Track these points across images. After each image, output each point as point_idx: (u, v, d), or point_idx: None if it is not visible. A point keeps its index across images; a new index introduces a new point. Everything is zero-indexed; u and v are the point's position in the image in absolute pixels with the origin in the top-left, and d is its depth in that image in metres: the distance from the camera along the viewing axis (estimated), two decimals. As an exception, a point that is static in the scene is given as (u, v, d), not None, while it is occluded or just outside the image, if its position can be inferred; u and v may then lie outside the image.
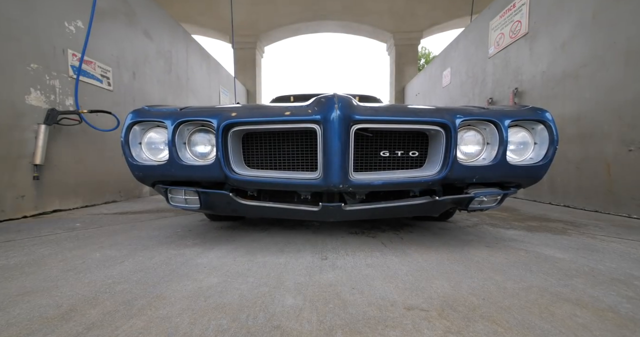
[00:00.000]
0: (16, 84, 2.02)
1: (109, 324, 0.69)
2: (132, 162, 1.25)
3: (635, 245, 1.39)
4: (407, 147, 1.23)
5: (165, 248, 1.31)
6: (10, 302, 0.79)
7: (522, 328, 0.67)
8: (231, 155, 1.17)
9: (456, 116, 1.16)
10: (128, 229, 1.70)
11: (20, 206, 2.05)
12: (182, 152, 1.22)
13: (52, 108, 2.24)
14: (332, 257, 1.20)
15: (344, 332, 0.66)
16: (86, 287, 0.89)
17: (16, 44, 2.01)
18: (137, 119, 1.24)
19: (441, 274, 1.01)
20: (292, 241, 1.45)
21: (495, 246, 1.35)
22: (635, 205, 2.11)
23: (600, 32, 2.42)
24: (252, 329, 0.67)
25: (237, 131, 1.17)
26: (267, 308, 0.77)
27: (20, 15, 2.04)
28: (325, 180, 1.08)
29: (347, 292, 0.87)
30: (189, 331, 0.66)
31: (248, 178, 1.17)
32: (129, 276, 0.99)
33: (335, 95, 1.08)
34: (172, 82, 4.07)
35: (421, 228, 1.75)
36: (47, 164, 2.23)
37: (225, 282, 0.94)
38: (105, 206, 2.71)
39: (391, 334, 0.66)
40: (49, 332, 0.66)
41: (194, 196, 1.27)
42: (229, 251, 1.27)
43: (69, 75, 2.42)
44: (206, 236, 1.55)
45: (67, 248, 1.31)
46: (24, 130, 2.07)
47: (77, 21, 2.49)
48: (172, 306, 0.78)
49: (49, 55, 2.25)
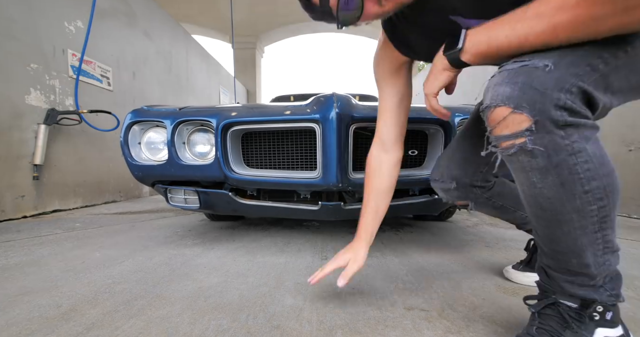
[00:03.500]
0: (16, 84, 2.02)
1: (109, 324, 0.69)
2: (131, 162, 1.25)
3: (635, 245, 1.39)
4: (406, 145, 1.23)
5: (165, 248, 1.31)
6: (10, 302, 0.79)
7: (523, 328, 0.67)
8: (230, 154, 1.17)
9: (455, 115, 1.16)
10: (128, 229, 1.70)
11: (20, 206, 2.05)
12: (182, 151, 1.22)
13: (52, 108, 2.24)
14: (332, 257, 1.20)
15: (344, 332, 0.66)
16: (86, 287, 0.89)
17: (16, 44, 2.01)
18: (136, 118, 1.24)
19: (441, 274, 1.01)
20: (292, 240, 1.45)
21: (495, 246, 1.35)
22: (636, 205, 2.11)
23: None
24: (252, 329, 0.67)
25: (236, 131, 1.17)
26: (267, 308, 0.77)
27: (20, 15, 2.04)
28: (325, 179, 1.08)
29: (347, 292, 0.87)
30: (189, 331, 0.66)
31: (247, 177, 1.17)
32: (129, 276, 0.99)
33: (334, 95, 1.08)
34: (172, 82, 4.07)
35: (421, 228, 1.75)
36: (47, 164, 2.23)
37: (225, 282, 0.93)
38: (105, 205, 2.71)
39: (391, 334, 0.66)
40: (49, 332, 0.66)
41: (194, 196, 1.27)
42: (229, 251, 1.27)
43: (69, 75, 2.42)
44: (206, 236, 1.55)
45: (67, 248, 1.31)
46: (24, 130, 2.07)
47: (77, 21, 2.49)
48: (172, 306, 0.78)
49: (48, 55, 2.25)
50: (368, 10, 0.55)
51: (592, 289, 0.52)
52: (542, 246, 0.55)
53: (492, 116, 0.48)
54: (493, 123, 0.49)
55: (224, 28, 7.49)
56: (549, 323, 0.55)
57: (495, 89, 0.48)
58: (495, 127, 0.49)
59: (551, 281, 0.55)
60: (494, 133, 0.50)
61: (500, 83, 0.47)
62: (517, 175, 0.51)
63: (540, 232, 0.53)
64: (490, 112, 0.49)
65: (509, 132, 0.47)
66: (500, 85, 0.47)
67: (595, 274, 0.51)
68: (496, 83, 0.48)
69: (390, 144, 0.82)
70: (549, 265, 0.55)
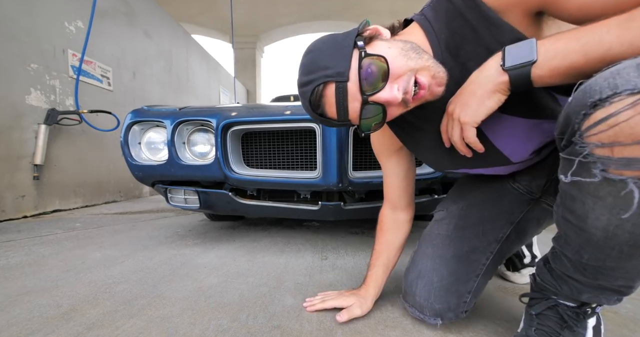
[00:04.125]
0: (16, 84, 2.02)
1: (109, 324, 0.69)
2: (131, 162, 1.25)
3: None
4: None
5: (166, 248, 1.31)
6: (11, 302, 0.80)
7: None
8: (230, 154, 1.17)
9: None
10: (128, 229, 1.70)
11: (20, 205, 2.05)
12: (182, 151, 1.22)
13: (52, 108, 2.24)
14: (332, 257, 1.20)
15: (343, 332, 0.66)
16: (86, 287, 0.89)
17: (16, 44, 2.01)
18: (136, 118, 1.24)
19: (441, 274, 1.01)
20: (292, 240, 1.45)
21: (495, 246, 1.35)
22: None
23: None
24: (252, 329, 0.67)
25: (236, 131, 1.17)
26: (267, 308, 0.77)
27: (20, 15, 2.04)
28: (325, 179, 1.08)
29: (347, 292, 0.87)
30: (189, 331, 0.66)
31: (247, 177, 1.17)
32: (129, 275, 0.99)
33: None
34: (172, 82, 4.07)
35: (420, 228, 1.74)
36: (47, 164, 2.23)
37: (225, 282, 0.94)
38: (106, 205, 2.71)
39: (391, 334, 0.66)
40: (49, 332, 0.66)
41: (194, 196, 1.27)
42: (229, 251, 1.27)
43: (69, 75, 2.42)
44: (206, 236, 1.55)
45: (67, 248, 1.31)
46: (24, 130, 2.07)
47: (77, 21, 2.49)
48: (172, 305, 0.78)
49: (49, 55, 2.25)
50: (392, 112, 0.52)
51: (605, 296, 0.49)
52: (579, 266, 0.47)
53: (604, 114, 0.33)
54: (604, 128, 0.34)
55: (224, 28, 7.49)
56: (547, 324, 0.55)
57: (625, 73, 0.33)
58: (606, 134, 0.33)
59: (559, 283, 0.52)
60: (602, 146, 0.34)
61: (631, 66, 0.33)
62: (586, 202, 0.39)
63: (587, 256, 0.44)
64: (604, 109, 0.33)
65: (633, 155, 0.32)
66: (631, 68, 0.33)
67: (631, 292, 0.47)
68: (621, 68, 0.34)
69: (402, 207, 0.81)
70: (577, 279, 0.49)
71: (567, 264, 0.49)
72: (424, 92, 0.49)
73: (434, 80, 0.50)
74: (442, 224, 0.73)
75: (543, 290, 0.56)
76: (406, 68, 0.48)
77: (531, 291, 0.59)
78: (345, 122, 0.53)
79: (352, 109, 0.50)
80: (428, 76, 0.49)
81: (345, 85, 0.48)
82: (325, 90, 0.49)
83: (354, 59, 0.48)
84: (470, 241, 0.68)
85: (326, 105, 0.51)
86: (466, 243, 0.67)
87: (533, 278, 0.59)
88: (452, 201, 0.76)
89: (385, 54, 0.47)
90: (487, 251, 0.67)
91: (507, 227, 0.68)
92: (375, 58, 0.47)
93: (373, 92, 0.48)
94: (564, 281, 0.52)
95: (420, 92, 0.49)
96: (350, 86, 0.48)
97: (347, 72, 0.47)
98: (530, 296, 0.59)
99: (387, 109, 0.50)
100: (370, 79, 0.47)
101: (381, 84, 0.48)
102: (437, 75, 0.50)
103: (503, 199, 0.68)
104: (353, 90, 0.48)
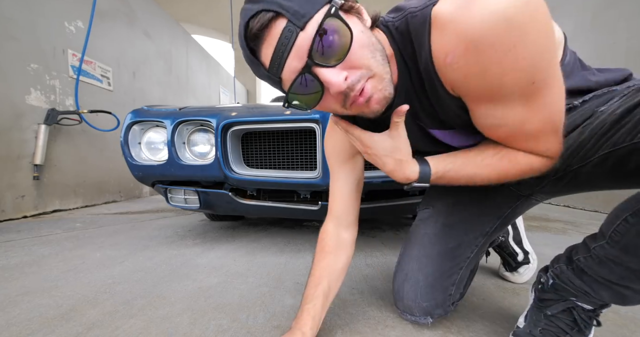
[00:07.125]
0: (16, 84, 2.02)
1: (109, 324, 0.69)
2: (131, 162, 1.25)
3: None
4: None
5: (166, 248, 1.31)
6: (10, 302, 0.79)
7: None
8: (230, 154, 1.17)
9: None
10: (128, 229, 1.70)
11: (20, 205, 2.05)
12: (182, 151, 1.22)
13: (52, 108, 2.24)
14: (332, 257, 1.20)
15: (343, 332, 0.66)
16: (86, 287, 0.89)
17: (16, 44, 2.01)
18: (136, 118, 1.24)
19: (441, 274, 1.01)
20: (292, 240, 1.45)
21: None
22: None
23: (599, 32, 2.42)
24: (252, 329, 0.67)
25: (236, 131, 1.17)
26: (267, 308, 0.77)
27: (20, 15, 2.04)
28: (325, 179, 1.08)
29: (347, 292, 0.87)
30: (189, 331, 0.66)
31: (247, 177, 1.17)
32: (129, 275, 0.99)
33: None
34: (172, 82, 4.07)
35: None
36: (47, 164, 2.23)
37: (225, 282, 0.94)
38: (106, 206, 2.71)
39: (391, 334, 0.66)
40: (49, 332, 0.66)
41: (194, 196, 1.27)
42: (229, 251, 1.27)
43: (69, 75, 2.42)
44: (206, 236, 1.55)
45: (67, 248, 1.31)
46: (24, 131, 2.07)
47: (77, 21, 2.49)
48: (172, 306, 0.78)
49: (49, 55, 2.25)
50: (327, 103, 0.45)
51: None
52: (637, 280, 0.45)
53: None
54: None
55: (224, 28, 7.49)
56: (557, 324, 0.54)
57: None
58: None
59: (595, 288, 0.50)
60: None
61: None
62: None
63: None
64: None
65: None
66: None
67: None
68: None
69: (347, 224, 0.72)
70: (625, 285, 0.46)
71: (618, 271, 0.46)
72: (362, 100, 0.43)
73: (379, 93, 0.44)
74: (429, 222, 0.70)
75: (559, 291, 0.55)
76: (366, 64, 0.42)
77: (542, 292, 0.58)
78: (273, 78, 0.44)
79: (289, 67, 0.41)
80: (376, 87, 0.44)
81: (297, 32, 0.39)
82: (272, 22, 0.39)
83: (322, 11, 0.39)
84: (457, 237, 0.67)
85: (264, 42, 0.41)
86: (452, 240, 0.67)
87: (547, 278, 0.57)
88: (437, 197, 0.73)
89: (355, 34, 0.40)
90: (472, 245, 0.67)
91: (494, 221, 0.67)
92: (344, 28, 0.39)
93: (320, 64, 0.40)
94: (601, 285, 0.49)
95: (359, 100, 0.43)
96: (301, 37, 0.39)
97: (307, 20, 0.38)
98: (545, 297, 0.58)
99: (324, 94, 0.43)
100: (326, 47, 0.39)
101: (333, 61, 0.40)
102: (385, 93, 0.45)
103: (492, 194, 0.66)
104: (301, 45, 0.39)
